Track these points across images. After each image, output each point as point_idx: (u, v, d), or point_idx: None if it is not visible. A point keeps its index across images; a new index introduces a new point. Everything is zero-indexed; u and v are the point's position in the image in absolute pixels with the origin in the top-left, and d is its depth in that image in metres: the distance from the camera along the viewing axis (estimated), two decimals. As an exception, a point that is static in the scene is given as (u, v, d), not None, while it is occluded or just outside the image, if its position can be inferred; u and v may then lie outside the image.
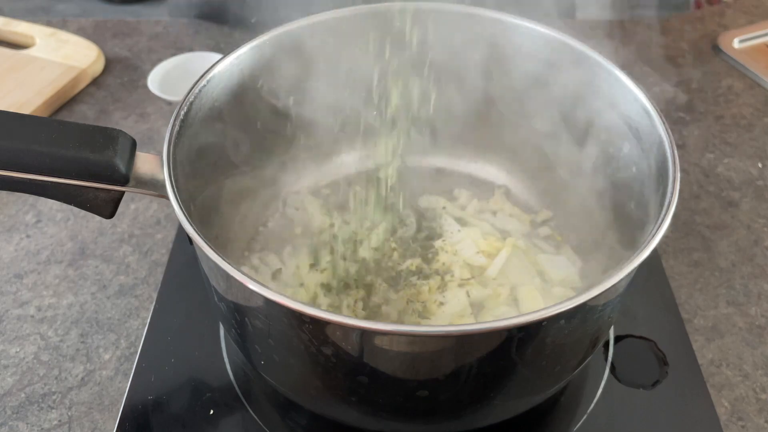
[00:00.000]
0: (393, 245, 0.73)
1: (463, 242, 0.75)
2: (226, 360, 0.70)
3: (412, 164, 0.85)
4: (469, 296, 0.69)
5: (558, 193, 0.79)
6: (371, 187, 0.83)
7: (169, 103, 1.01)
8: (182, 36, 1.15)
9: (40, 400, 0.69)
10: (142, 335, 0.72)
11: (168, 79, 1.00)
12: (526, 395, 0.59)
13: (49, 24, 1.14)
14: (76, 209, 0.84)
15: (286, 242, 0.77)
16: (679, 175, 0.56)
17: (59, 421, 0.67)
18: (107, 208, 0.59)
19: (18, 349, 0.73)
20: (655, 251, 0.51)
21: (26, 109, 0.97)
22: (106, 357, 0.72)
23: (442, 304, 0.68)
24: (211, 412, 0.66)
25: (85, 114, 1.01)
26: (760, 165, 0.94)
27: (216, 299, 0.59)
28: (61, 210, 0.87)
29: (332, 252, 0.75)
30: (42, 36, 1.09)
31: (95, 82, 1.06)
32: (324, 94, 0.76)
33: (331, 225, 0.78)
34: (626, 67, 0.66)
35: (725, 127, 1.00)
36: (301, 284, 0.72)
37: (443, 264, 0.72)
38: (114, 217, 0.61)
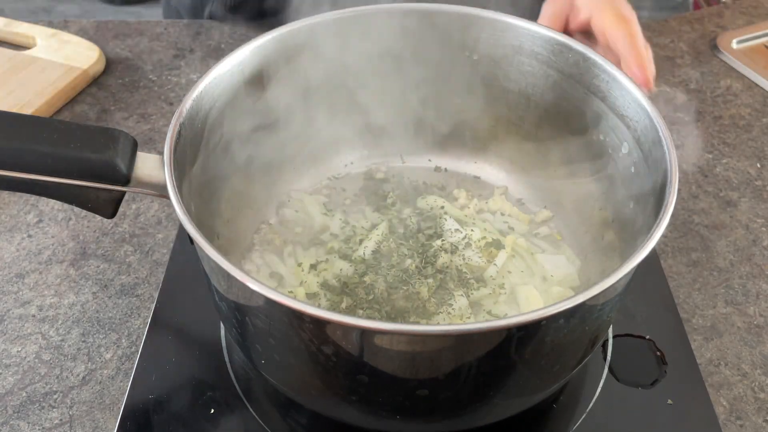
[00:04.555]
0: (393, 245, 0.74)
1: (463, 242, 0.75)
2: (226, 359, 0.70)
3: (412, 164, 0.85)
4: (468, 296, 0.69)
5: (557, 193, 0.79)
6: (371, 187, 0.83)
7: (170, 103, 1.01)
8: (183, 37, 1.15)
9: (42, 400, 0.69)
10: (143, 335, 0.72)
11: None
12: (525, 394, 0.59)
13: (50, 25, 1.15)
14: (77, 209, 0.84)
15: (286, 242, 0.77)
16: (677, 175, 0.56)
17: (60, 420, 0.67)
18: (108, 208, 0.59)
19: (19, 349, 0.73)
20: (653, 251, 0.51)
21: (27, 110, 0.97)
22: (108, 356, 0.72)
23: (441, 303, 0.68)
24: (212, 411, 0.66)
25: (87, 114, 1.01)
26: (758, 165, 0.95)
27: (217, 299, 0.60)
28: (63, 210, 0.87)
29: (332, 252, 0.75)
30: (43, 37, 1.10)
31: (96, 82, 1.06)
32: (325, 93, 0.77)
33: (331, 225, 0.78)
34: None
35: (724, 128, 1.00)
36: (301, 284, 0.72)
37: (443, 264, 0.72)
38: (115, 217, 0.62)
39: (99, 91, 1.05)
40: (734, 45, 1.13)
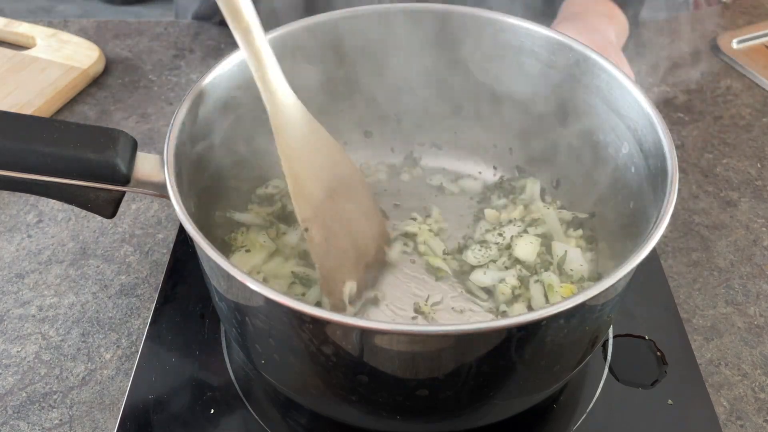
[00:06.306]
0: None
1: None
2: (226, 359, 0.70)
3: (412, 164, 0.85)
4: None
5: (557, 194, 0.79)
6: (371, 187, 0.83)
7: (170, 103, 1.01)
8: (183, 37, 1.15)
9: (42, 400, 0.69)
10: (143, 335, 0.72)
11: None
12: (525, 394, 0.59)
13: (50, 25, 1.15)
14: (77, 209, 0.84)
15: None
16: (677, 175, 0.56)
17: (60, 420, 0.67)
18: (108, 208, 0.59)
19: (19, 349, 0.73)
20: (653, 251, 0.51)
21: (27, 110, 0.97)
22: (107, 356, 0.72)
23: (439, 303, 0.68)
24: (212, 411, 0.66)
25: (86, 114, 1.01)
26: (758, 165, 0.95)
27: (216, 299, 0.60)
28: (63, 210, 0.87)
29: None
30: (43, 37, 1.10)
31: (96, 82, 1.06)
32: (324, 94, 0.76)
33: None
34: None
35: (724, 128, 1.00)
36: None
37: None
38: (115, 217, 0.62)
39: (99, 91, 1.05)
40: (734, 45, 1.13)
